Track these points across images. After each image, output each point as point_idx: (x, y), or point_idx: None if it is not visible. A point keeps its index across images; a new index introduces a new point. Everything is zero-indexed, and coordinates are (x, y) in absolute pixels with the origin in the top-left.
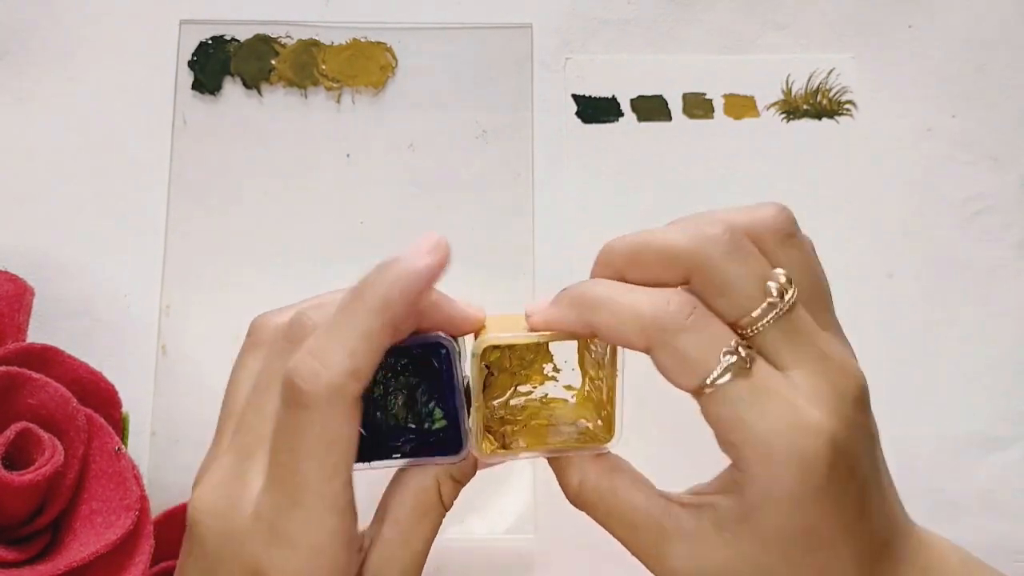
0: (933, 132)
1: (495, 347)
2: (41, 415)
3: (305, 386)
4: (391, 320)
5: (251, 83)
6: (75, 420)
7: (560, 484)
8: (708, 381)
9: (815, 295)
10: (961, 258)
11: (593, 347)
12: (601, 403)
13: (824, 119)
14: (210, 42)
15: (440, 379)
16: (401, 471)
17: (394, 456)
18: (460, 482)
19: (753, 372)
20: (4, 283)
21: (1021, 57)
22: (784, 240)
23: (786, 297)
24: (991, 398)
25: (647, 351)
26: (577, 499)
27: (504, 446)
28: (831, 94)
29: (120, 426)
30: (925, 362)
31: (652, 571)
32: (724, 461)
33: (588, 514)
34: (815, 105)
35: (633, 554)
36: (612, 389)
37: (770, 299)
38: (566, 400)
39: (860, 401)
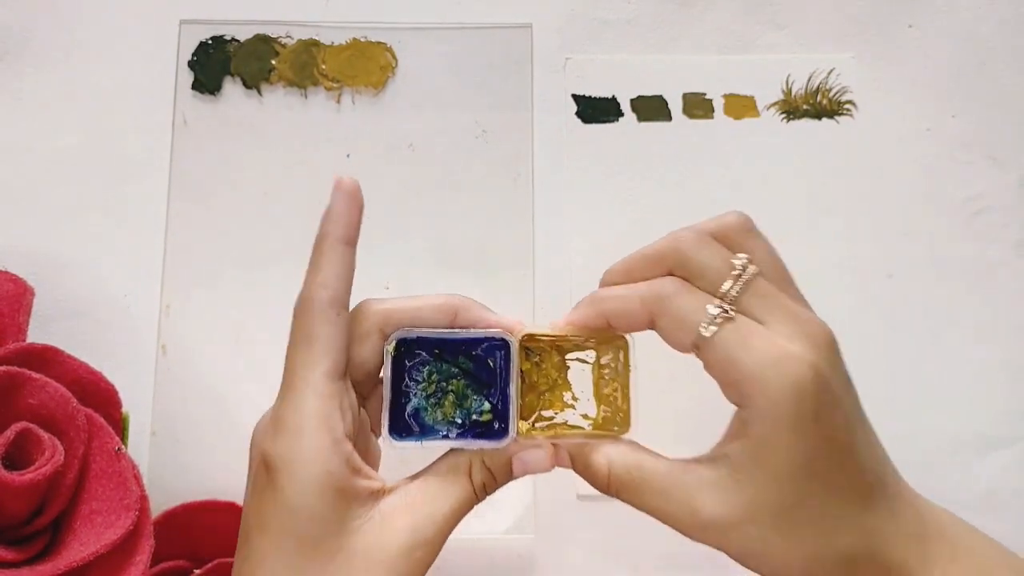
0: (933, 132)
1: (528, 354)
2: (41, 415)
3: (295, 306)
4: (332, 241)
5: (251, 83)
6: (75, 420)
7: (587, 475)
8: (701, 332)
9: (778, 274)
10: (961, 258)
11: (606, 367)
12: (614, 421)
13: (824, 119)
14: (210, 42)
15: (495, 373)
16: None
17: (442, 438)
18: (492, 472)
19: (737, 320)
20: (4, 283)
21: (1021, 57)
22: (746, 234)
23: (748, 269)
24: (991, 398)
25: (650, 323)
26: (608, 481)
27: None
28: (831, 94)
29: (120, 426)
30: (925, 362)
31: (686, 530)
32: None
33: (620, 495)
34: (815, 105)
35: (667, 522)
36: (627, 387)
37: (735, 272)
38: (583, 427)
39: (831, 346)
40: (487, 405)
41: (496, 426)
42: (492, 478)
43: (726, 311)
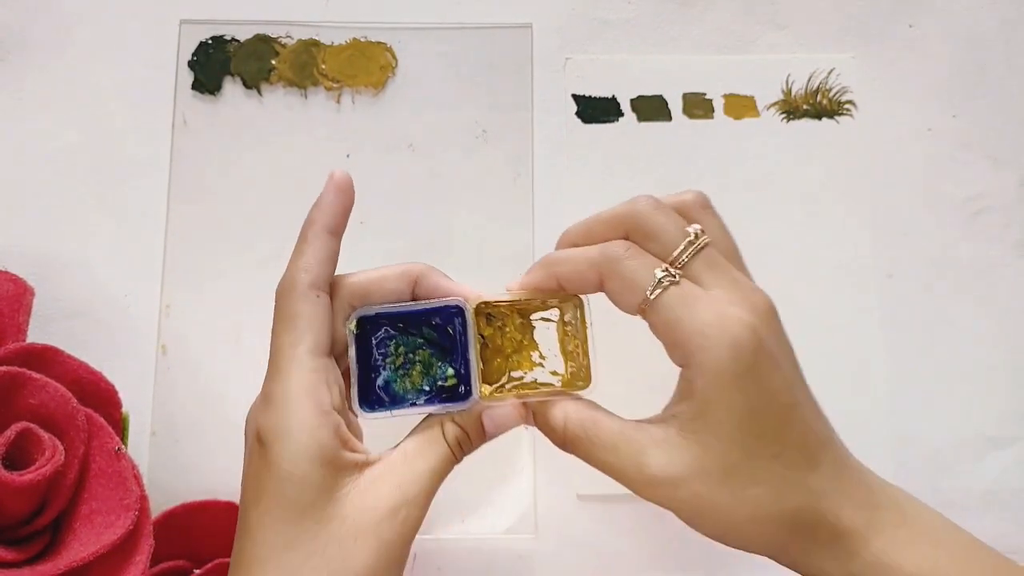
0: (933, 132)
1: (489, 320)
2: (41, 415)
3: (277, 289)
4: (316, 228)
5: (251, 83)
6: (75, 420)
7: (546, 430)
8: (647, 294)
9: (728, 250)
10: (961, 258)
11: (569, 324)
12: (581, 378)
13: (824, 119)
14: (210, 42)
15: (455, 340)
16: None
17: (410, 406)
18: (464, 430)
19: (682, 284)
20: (4, 283)
21: (1021, 57)
22: (702, 209)
23: (700, 238)
24: (991, 398)
25: (600, 285)
26: (564, 436)
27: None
28: (831, 94)
29: (120, 426)
30: (925, 362)
31: (634, 486)
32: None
33: (574, 450)
34: (815, 105)
35: (617, 478)
36: (585, 342)
37: (687, 239)
38: (552, 384)
39: (771, 312)
40: (451, 370)
41: (460, 389)
42: (466, 436)
43: (672, 275)
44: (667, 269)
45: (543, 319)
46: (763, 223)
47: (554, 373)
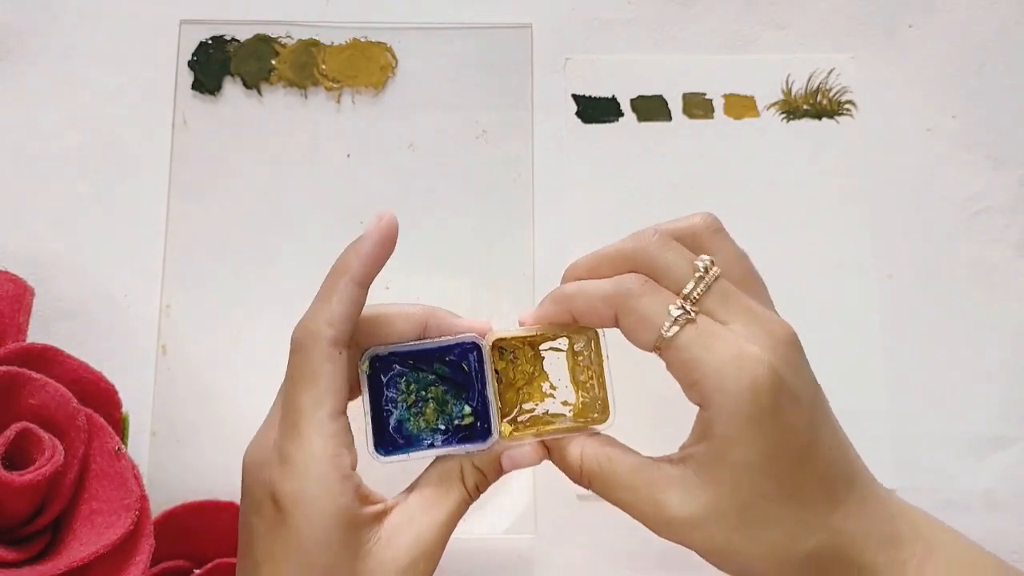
0: (933, 132)
1: (502, 353)
2: (41, 415)
3: (296, 335)
4: (349, 277)
5: (251, 83)
6: (75, 420)
7: (563, 466)
8: (663, 332)
9: (744, 275)
10: (961, 258)
11: (580, 354)
12: (594, 407)
13: (824, 119)
14: (210, 42)
15: (471, 376)
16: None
17: (428, 447)
18: (483, 472)
19: (698, 321)
20: (4, 283)
21: (1021, 57)
22: (712, 235)
23: (711, 271)
24: (991, 398)
25: (614, 320)
26: (581, 472)
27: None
28: (831, 94)
29: (120, 426)
30: (925, 362)
31: (653, 527)
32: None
33: (591, 487)
34: (815, 105)
35: (634, 515)
36: (602, 375)
37: (698, 273)
38: (564, 414)
39: (792, 344)
40: (468, 408)
41: (479, 426)
42: (483, 477)
43: (688, 312)
44: (682, 306)
45: (552, 348)
46: (763, 223)
47: (565, 403)
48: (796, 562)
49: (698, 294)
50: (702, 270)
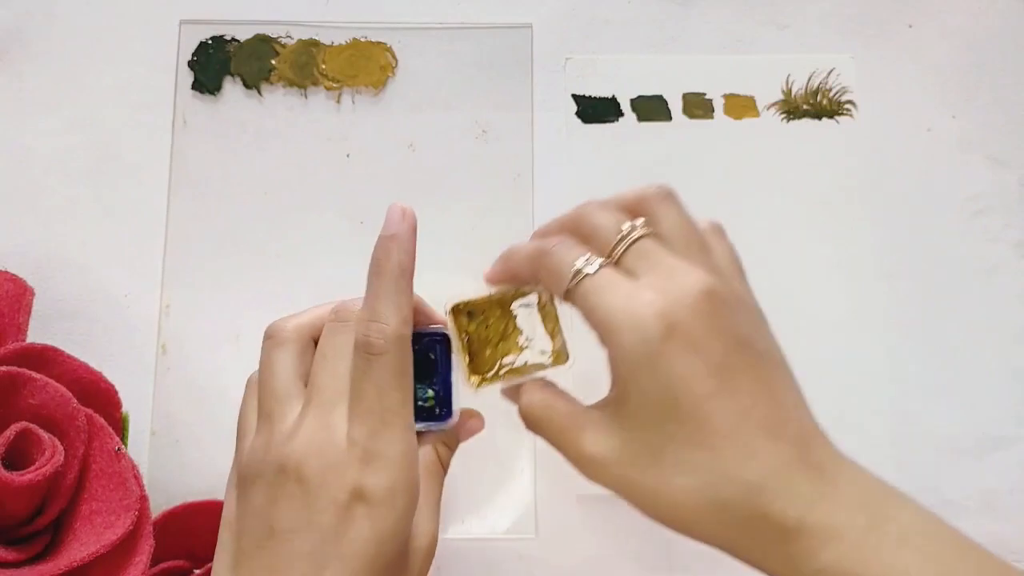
0: (933, 132)
1: (471, 316)
2: (41, 415)
3: (378, 340)
4: (409, 276)
5: (251, 83)
6: (75, 420)
7: (519, 413)
8: (568, 284)
9: (684, 238)
10: (961, 258)
11: (545, 306)
12: (563, 356)
13: (824, 119)
14: (210, 42)
15: (435, 364)
16: None
17: None
18: (450, 447)
19: (599, 274)
20: (4, 283)
21: (1021, 57)
22: (660, 201)
23: (636, 232)
24: (991, 398)
25: (536, 276)
26: (529, 418)
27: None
28: (831, 94)
29: (120, 426)
30: (925, 362)
31: (576, 467)
32: None
33: (536, 431)
34: (815, 105)
35: (562, 453)
36: (557, 322)
37: (620, 233)
38: (543, 363)
39: (698, 295)
40: (430, 392)
41: (438, 411)
42: (448, 450)
43: (588, 262)
44: (588, 260)
45: (523, 305)
46: (763, 223)
47: (543, 352)
48: (711, 511)
49: (619, 252)
50: (626, 230)
